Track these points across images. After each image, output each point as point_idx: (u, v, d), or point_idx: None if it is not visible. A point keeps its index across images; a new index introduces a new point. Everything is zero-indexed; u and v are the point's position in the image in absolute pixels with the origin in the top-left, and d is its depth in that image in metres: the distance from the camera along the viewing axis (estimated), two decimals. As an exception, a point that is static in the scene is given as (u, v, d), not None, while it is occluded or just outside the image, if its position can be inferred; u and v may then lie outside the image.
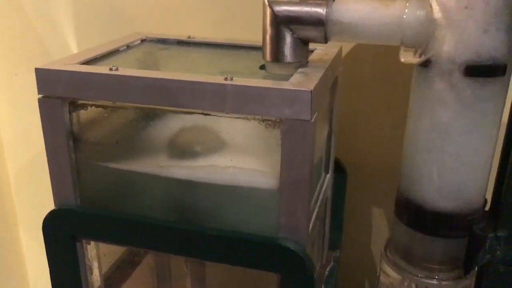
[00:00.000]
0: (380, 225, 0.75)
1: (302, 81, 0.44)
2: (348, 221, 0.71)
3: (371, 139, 0.71)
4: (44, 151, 0.83)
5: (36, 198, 0.89)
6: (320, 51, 0.55)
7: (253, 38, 0.61)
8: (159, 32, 0.65)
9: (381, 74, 0.68)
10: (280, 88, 0.42)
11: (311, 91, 0.41)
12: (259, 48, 0.59)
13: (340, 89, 0.59)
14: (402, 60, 0.46)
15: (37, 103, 0.81)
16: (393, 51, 0.65)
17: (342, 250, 0.71)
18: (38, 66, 0.48)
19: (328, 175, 0.61)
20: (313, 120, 0.42)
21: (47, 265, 0.53)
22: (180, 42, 0.63)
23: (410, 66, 0.65)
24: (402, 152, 0.52)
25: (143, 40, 0.62)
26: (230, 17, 0.70)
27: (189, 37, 0.63)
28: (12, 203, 0.89)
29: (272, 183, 0.46)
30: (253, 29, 0.67)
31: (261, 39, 0.48)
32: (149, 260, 0.71)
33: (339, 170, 0.66)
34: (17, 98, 0.83)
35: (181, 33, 0.64)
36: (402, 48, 0.45)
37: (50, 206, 0.52)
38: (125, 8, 0.73)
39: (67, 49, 0.77)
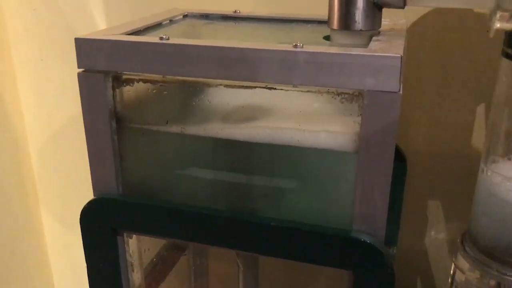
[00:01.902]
0: (436, 220, 0.69)
1: (385, 48, 0.38)
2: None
3: (430, 125, 0.64)
4: (69, 139, 0.79)
5: (59, 184, 0.83)
6: (387, 23, 0.49)
7: (303, 12, 0.55)
8: (199, 8, 0.59)
9: (443, 55, 0.61)
10: (363, 55, 0.36)
11: (401, 56, 0.35)
12: (315, 21, 0.53)
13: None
14: (498, 26, 0.40)
15: (63, 89, 0.78)
16: (458, 27, 0.60)
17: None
18: (78, 36, 0.42)
19: (390, 163, 0.55)
20: (401, 91, 0.36)
21: (70, 260, 0.48)
22: (225, 17, 0.57)
23: (474, 46, 0.60)
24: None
25: (185, 16, 0.57)
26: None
27: (235, 12, 0.57)
28: (35, 190, 0.84)
29: (347, 163, 0.40)
30: (304, 2, 0.62)
31: (313, 13, 0.42)
32: (188, 257, 0.66)
33: (398, 158, 0.60)
34: (42, 85, 0.78)
35: (220, 9, 0.58)
36: (498, 13, 0.39)
37: (74, 196, 0.46)
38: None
39: (97, 32, 0.72)
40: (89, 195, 0.47)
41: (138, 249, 0.51)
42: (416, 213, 0.69)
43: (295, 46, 0.38)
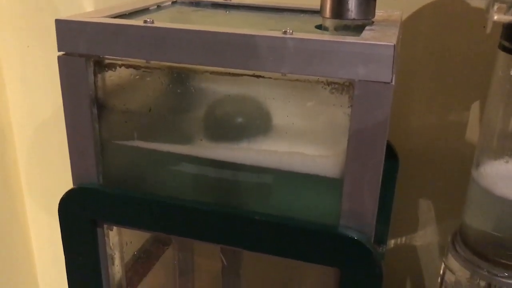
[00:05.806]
0: (427, 219, 0.68)
1: (378, 36, 0.36)
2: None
3: (423, 122, 0.63)
4: (56, 128, 0.77)
5: (45, 175, 0.81)
6: (382, 13, 0.48)
7: (296, 1, 0.54)
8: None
9: (438, 49, 0.60)
10: (354, 42, 0.34)
11: (394, 45, 0.34)
12: (308, 11, 0.52)
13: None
14: (495, 18, 0.38)
15: (50, 78, 0.76)
16: (454, 20, 0.58)
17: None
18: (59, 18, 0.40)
19: (381, 159, 0.54)
20: (393, 82, 0.35)
21: (55, 253, 0.47)
22: (215, 5, 0.55)
23: (470, 42, 0.58)
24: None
25: (174, 2, 0.55)
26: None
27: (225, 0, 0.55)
28: (19, 179, 0.82)
29: (334, 161, 0.38)
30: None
31: (306, 3, 0.40)
32: (171, 251, 0.64)
33: (391, 156, 0.59)
34: (28, 72, 0.76)
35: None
36: (495, 5, 0.38)
37: (59, 185, 0.44)
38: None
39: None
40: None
41: (119, 242, 0.49)
42: (407, 211, 0.67)
43: (285, 32, 0.36)
